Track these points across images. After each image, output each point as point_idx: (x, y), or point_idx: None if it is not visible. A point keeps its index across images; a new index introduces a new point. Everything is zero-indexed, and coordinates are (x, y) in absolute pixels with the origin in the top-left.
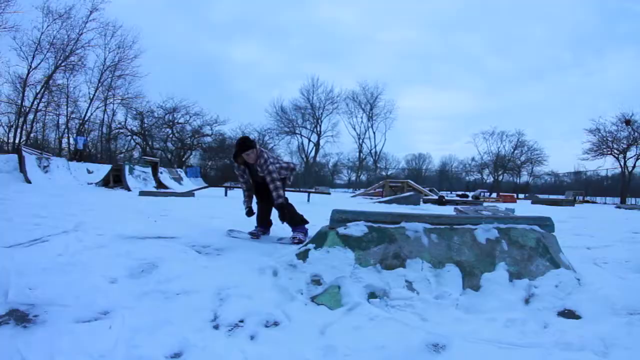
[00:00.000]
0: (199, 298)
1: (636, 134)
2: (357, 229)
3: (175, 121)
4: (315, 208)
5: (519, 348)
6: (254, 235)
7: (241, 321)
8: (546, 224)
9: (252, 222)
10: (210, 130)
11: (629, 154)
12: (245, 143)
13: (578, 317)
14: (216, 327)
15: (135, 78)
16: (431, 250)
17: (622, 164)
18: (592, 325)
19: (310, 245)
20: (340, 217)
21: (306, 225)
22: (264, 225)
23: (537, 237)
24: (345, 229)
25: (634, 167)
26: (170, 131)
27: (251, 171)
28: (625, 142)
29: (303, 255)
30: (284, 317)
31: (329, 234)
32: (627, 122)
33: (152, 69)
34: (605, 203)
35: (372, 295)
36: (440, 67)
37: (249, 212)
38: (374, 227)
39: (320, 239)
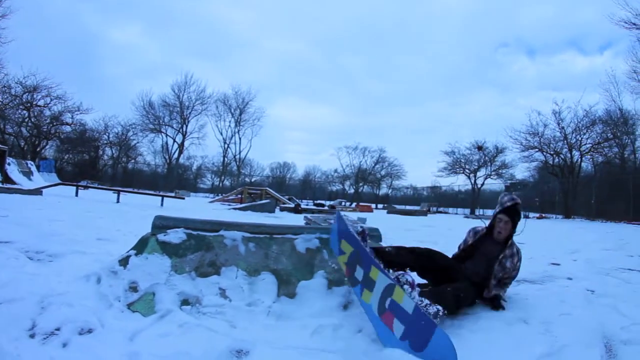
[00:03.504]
0: (22, 307)
1: (486, 158)
2: (176, 236)
3: (34, 103)
4: (164, 213)
5: (323, 352)
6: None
7: (57, 329)
8: (372, 234)
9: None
10: (71, 118)
11: (479, 174)
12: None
13: None
14: (32, 336)
15: None
16: (248, 258)
17: (472, 181)
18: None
19: (132, 251)
20: (161, 224)
21: None
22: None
23: None
24: (165, 235)
25: (482, 184)
26: (27, 114)
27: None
28: (476, 164)
29: (124, 262)
30: (98, 325)
31: (150, 240)
32: (479, 148)
33: (18, 34)
34: (456, 214)
35: (185, 302)
36: (319, 83)
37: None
38: (193, 234)
39: (141, 245)
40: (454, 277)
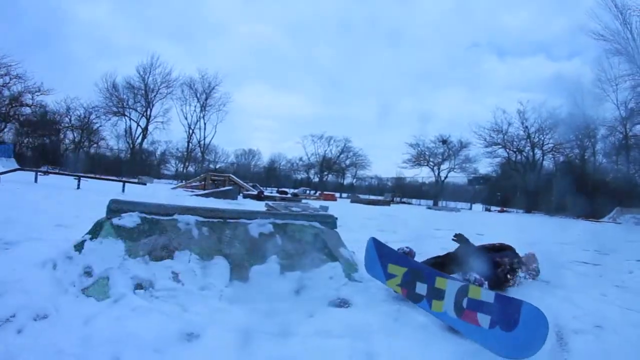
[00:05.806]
0: None
1: (451, 152)
2: (130, 219)
3: None
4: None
5: (274, 336)
6: None
7: (13, 316)
8: (327, 220)
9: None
10: (31, 99)
11: (442, 167)
12: None
13: (349, 306)
14: None
15: None
16: (201, 242)
17: (436, 174)
18: (362, 314)
19: (87, 236)
20: (116, 207)
21: None
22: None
23: (315, 233)
24: (119, 219)
25: (446, 177)
26: None
27: None
28: (440, 157)
29: (79, 247)
30: (53, 310)
31: (104, 225)
32: (444, 142)
33: None
34: (419, 204)
35: (138, 286)
36: (288, 71)
37: None
38: (147, 218)
39: (96, 230)
40: None
